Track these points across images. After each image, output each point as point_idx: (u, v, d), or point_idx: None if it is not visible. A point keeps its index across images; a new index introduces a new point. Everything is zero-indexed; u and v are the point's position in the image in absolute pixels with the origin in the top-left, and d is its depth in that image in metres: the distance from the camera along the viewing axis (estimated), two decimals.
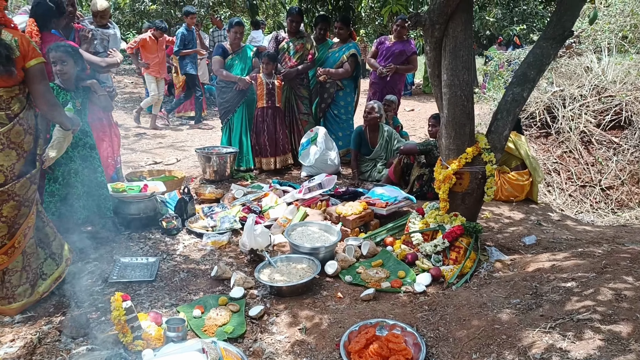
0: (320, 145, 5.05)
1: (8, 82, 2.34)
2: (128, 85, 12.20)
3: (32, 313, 2.57)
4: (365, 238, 3.52)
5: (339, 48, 5.41)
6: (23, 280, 2.56)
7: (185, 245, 3.52)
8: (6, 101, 2.36)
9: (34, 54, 2.39)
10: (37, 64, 2.41)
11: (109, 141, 3.97)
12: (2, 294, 2.50)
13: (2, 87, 2.33)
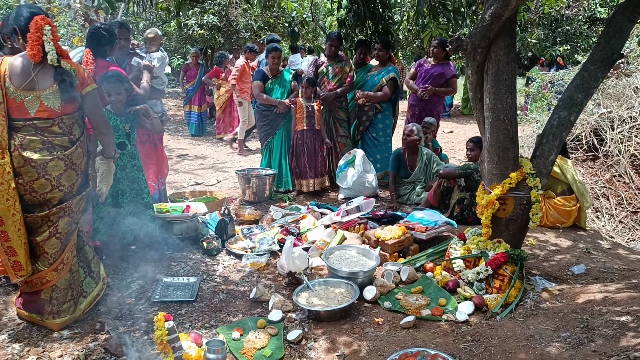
0: (358, 167, 5.05)
1: (71, 108, 2.51)
2: (172, 108, 12.67)
3: (79, 330, 2.66)
4: (405, 263, 3.46)
5: (378, 71, 5.44)
6: (68, 297, 2.66)
7: (225, 266, 3.57)
8: (69, 126, 2.53)
9: (89, 81, 2.58)
10: (92, 90, 2.59)
11: (156, 164, 4.12)
12: (48, 309, 2.62)
13: (66, 114, 2.50)
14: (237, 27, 10.44)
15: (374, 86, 5.41)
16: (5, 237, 2.40)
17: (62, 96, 2.43)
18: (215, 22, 9.93)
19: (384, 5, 5.89)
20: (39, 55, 2.36)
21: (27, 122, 2.41)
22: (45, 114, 2.42)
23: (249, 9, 10.15)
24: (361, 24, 5.92)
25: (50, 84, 2.43)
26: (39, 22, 2.35)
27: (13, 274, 2.47)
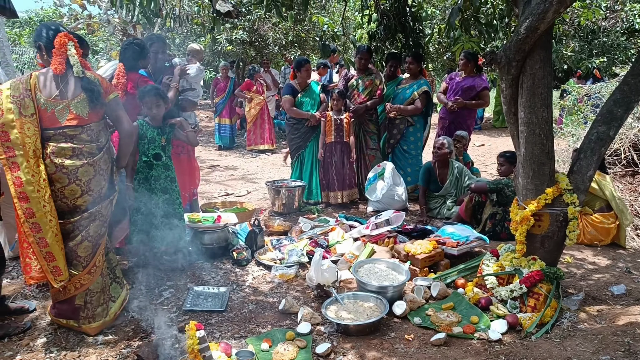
0: (388, 180, 5.02)
1: (97, 116, 2.66)
2: (203, 120, 12.95)
3: (113, 336, 2.72)
4: (435, 279, 3.40)
5: (409, 85, 5.43)
6: (101, 301, 2.76)
7: (254, 277, 3.60)
8: (96, 134, 2.67)
9: (111, 89, 2.75)
10: (114, 97, 2.76)
11: (189, 175, 4.21)
12: (83, 314, 2.71)
13: (93, 122, 2.64)
14: (267, 41, 10.63)
15: (405, 99, 5.39)
16: (44, 243, 2.50)
17: (89, 104, 2.59)
18: (245, 38, 10.14)
19: (415, 18, 5.89)
20: (62, 68, 2.52)
21: (57, 131, 2.55)
22: (74, 121, 2.56)
23: (279, 24, 10.33)
24: (392, 37, 5.93)
25: (78, 93, 2.57)
26: (63, 39, 2.55)
27: (53, 279, 2.56)
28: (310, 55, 12.10)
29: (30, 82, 2.51)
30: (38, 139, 2.49)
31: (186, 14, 7.35)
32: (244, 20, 9.57)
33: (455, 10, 3.68)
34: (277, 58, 11.84)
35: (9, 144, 2.43)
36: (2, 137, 2.42)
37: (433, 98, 6.21)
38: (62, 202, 2.58)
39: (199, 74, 4.61)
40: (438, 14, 11.27)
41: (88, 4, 9.27)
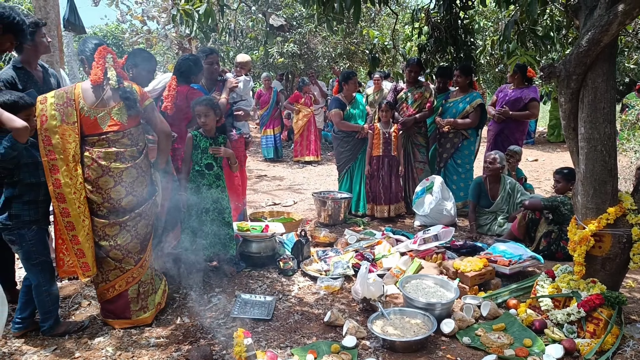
0: (436, 194, 4.94)
1: (136, 121, 2.84)
2: (252, 130, 13.26)
3: (164, 339, 2.81)
4: (486, 298, 3.29)
5: (461, 97, 5.33)
6: (151, 291, 2.97)
7: (300, 287, 3.62)
8: (136, 138, 2.84)
9: (146, 97, 2.91)
10: (150, 103, 2.93)
11: (241, 185, 4.31)
12: (136, 307, 2.91)
13: (132, 127, 2.82)
14: (317, 54, 10.78)
15: (458, 112, 5.29)
16: (76, 240, 2.70)
17: (127, 111, 2.76)
18: (295, 50, 10.31)
19: (467, 31, 5.80)
20: (98, 79, 2.71)
21: (101, 137, 2.73)
22: (115, 127, 2.74)
23: (329, 37, 10.46)
24: (442, 49, 5.86)
25: (117, 101, 2.76)
26: (102, 52, 2.74)
27: (81, 274, 2.76)
28: (359, 67, 12.15)
29: (75, 92, 2.71)
30: (78, 145, 2.68)
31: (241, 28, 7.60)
32: (295, 33, 9.76)
33: (511, 23, 3.60)
34: (325, 71, 11.97)
35: (50, 148, 2.62)
36: (45, 141, 2.62)
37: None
38: (109, 203, 2.76)
39: (246, 85, 4.71)
40: (490, 25, 11.02)
41: (148, 20, 9.79)
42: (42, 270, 2.71)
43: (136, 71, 3.24)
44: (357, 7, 3.85)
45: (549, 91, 9.14)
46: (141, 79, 3.25)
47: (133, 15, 9.98)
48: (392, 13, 6.47)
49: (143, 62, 3.25)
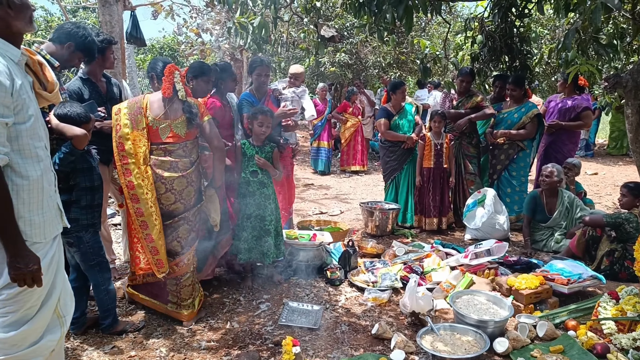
0: (489, 207, 4.78)
1: (193, 135, 3.00)
2: (299, 139, 13.41)
3: (215, 343, 2.88)
4: (542, 317, 3.14)
5: (516, 108, 5.16)
6: (190, 294, 3.11)
7: (347, 298, 3.60)
8: (190, 150, 3.02)
9: (206, 112, 3.09)
10: (209, 119, 3.07)
11: (285, 193, 4.37)
12: (173, 300, 3.08)
13: (189, 140, 2.99)
14: (367, 64, 10.79)
15: (514, 123, 5.12)
16: (150, 239, 2.90)
17: (188, 125, 2.94)
18: (346, 60, 10.36)
19: (523, 39, 5.62)
20: (169, 92, 2.90)
21: (159, 146, 2.93)
22: (173, 139, 2.93)
23: (379, 47, 10.45)
24: (496, 58, 5.71)
25: (180, 115, 2.94)
26: (171, 69, 2.93)
27: (157, 270, 2.95)
28: (408, 77, 12.06)
29: (144, 102, 2.95)
30: (148, 149, 2.89)
31: (293, 39, 7.75)
32: (346, 43, 9.82)
33: (572, 32, 3.45)
34: (373, 80, 11.96)
35: (123, 153, 2.86)
36: (119, 147, 2.87)
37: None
38: (159, 206, 2.94)
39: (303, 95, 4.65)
40: (546, 33, 10.64)
41: (202, 32, 10.18)
42: (100, 270, 2.85)
43: (195, 83, 3.38)
44: (409, 17, 3.83)
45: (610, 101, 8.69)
46: (200, 90, 3.39)
47: (189, 28, 10.42)
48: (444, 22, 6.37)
49: (201, 74, 3.37)
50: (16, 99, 1.74)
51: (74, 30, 2.87)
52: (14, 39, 1.81)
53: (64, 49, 2.86)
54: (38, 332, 1.92)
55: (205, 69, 3.42)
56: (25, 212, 1.80)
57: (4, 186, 1.71)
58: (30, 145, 1.82)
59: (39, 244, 1.86)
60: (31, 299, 1.86)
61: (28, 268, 1.74)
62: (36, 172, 1.84)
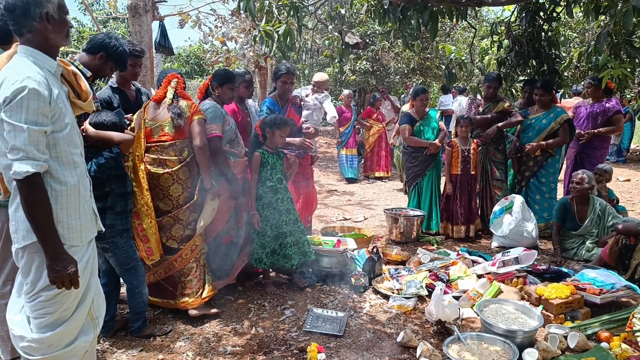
0: (516, 215, 4.69)
1: (183, 135, 3.15)
2: (322, 145, 13.45)
3: (240, 348, 2.90)
4: (573, 328, 3.05)
5: (544, 114, 5.05)
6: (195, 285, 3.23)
7: (372, 305, 3.58)
8: (180, 149, 3.13)
9: (197, 113, 3.20)
10: (198, 118, 3.18)
11: (306, 201, 4.35)
12: (180, 292, 3.24)
13: (178, 140, 3.14)
14: (389, 70, 10.76)
15: (542, 129, 5.01)
16: (141, 227, 3.07)
17: (173, 125, 3.10)
18: (367, 67, 10.36)
19: (551, 43, 5.52)
20: (158, 98, 3.19)
21: (153, 144, 3.12)
22: (164, 137, 3.12)
23: (402, 53, 10.41)
24: (524, 63, 5.62)
25: (167, 116, 3.12)
26: (169, 77, 3.24)
27: (146, 257, 3.11)
28: (432, 83, 11.97)
29: (145, 107, 3.24)
30: (142, 148, 3.11)
31: (317, 47, 7.80)
32: (368, 50, 9.81)
33: (604, 35, 3.37)
34: (396, 86, 11.91)
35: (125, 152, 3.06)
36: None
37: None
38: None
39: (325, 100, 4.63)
40: (575, 36, 10.42)
41: (227, 40, 10.35)
42: (135, 273, 2.91)
43: (220, 90, 3.47)
44: (434, 23, 3.82)
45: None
46: (225, 97, 3.52)
47: (214, 37, 10.61)
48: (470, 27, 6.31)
49: (226, 81, 3.48)
50: (54, 108, 1.81)
51: (105, 41, 2.95)
52: (51, 52, 1.89)
53: (96, 59, 2.94)
54: (73, 333, 1.97)
55: (230, 76, 3.53)
56: (63, 217, 1.87)
57: (44, 192, 1.79)
58: (67, 152, 1.89)
59: (76, 247, 1.92)
60: (68, 301, 1.92)
61: (66, 270, 1.80)
62: (73, 178, 1.90)
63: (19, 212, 1.83)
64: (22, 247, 1.85)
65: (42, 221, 1.78)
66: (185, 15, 9.03)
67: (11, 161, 1.72)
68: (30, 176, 1.73)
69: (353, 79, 10.38)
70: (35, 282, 1.87)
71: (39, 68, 1.81)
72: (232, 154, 3.50)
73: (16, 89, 1.71)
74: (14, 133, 1.71)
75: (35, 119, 1.74)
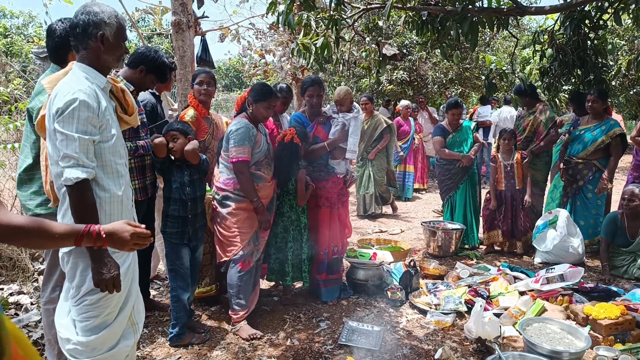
0: (561, 230, 4.51)
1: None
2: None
3: (275, 359, 2.90)
4: (624, 351, 2.88)
5: (594, 125, 4.85)
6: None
7: (408, 320, 3.51)
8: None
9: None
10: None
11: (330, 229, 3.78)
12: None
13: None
14: (426, 80, 10.65)
15: (590, 142, 4.80)
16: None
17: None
18: (404, 77, 10.28)
19: (598, 52, 5.31)
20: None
21: None
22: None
23: (439, 63, 10.29)
24: (568, 72, 5.43)
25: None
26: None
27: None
28: (471, 93, 11.76)
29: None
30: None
31: (354, 58, 7.83)
32: (405, 60, 9.76)
33: None
34: (435, 97, 11.76)
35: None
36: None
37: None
38: None
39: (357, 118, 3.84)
40: (623, 44, 9.99)
41: (265, 53, 10.54)
42: (174, 276, 3.00)
43: (255, 108, 3.20)
44: (474, 33, 3.74)
45: None
46: (259, 115, 3.21)
47: (253, 50, 10.84)
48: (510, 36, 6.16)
49: (261, 99, 3.19)
50: (101, 120, 1.92)
51: (145, 54, 3.04)
52: (102, 70, 2.02)
53: (137, 72, 3.05)
54: (115, 337, 2.04)
55: (266, 93, 3.19)
56: (106, 223, 1.94)
57: (92, 197, 1.88)
58: (112, 162, 1.98)
59: (117, 253, 1.99)
60: (110, 305, 1.98)
61: (110, 273, 1.87)
62: (116, 186, 1.99)
63: (66, 218, 1.93)
64: (67, 251, 1.94)
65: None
66: (226, 29, 9.27)
67: (62, 168, 1.82)
68: (80, 182, 1.82)
69: (390, 89, 10.33)
70: (80, 286, 1.95)
71: (89, 83, 1.92)
72: (258, 177, 3.22)
73: (68, 101, 1.83)
74: (66, 142, 1.82)
75: (85, 129, 1.85)
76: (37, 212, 2.48)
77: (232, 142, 3.09)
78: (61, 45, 2.51)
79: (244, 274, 3.21)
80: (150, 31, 14.37)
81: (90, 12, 1.92)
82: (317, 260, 3.72)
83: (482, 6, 3.95)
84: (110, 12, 1.96)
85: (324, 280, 3.77)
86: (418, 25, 4.15)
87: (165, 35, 16.30)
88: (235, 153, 3.07)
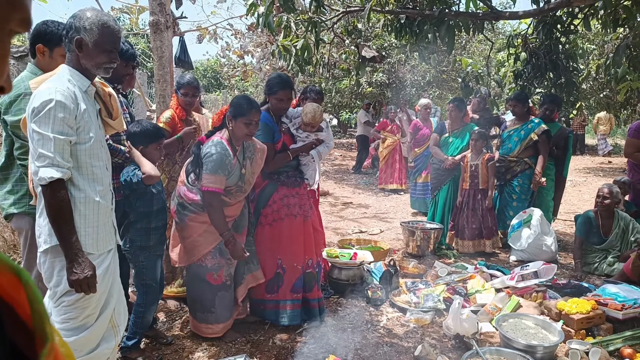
0: (535, 228, 4.64)
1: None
2: (337, 158, 13.49)
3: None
4: (595, 344, 3.00)
5: (521, 126, 5.12)
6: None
7: (389, 318, 3.56)
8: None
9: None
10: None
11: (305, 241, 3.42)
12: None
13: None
14: (405, 82, 10.80)
15: (520, 140, 5.08)
16: None
17: None
18: (384, 80, 10.41)
19: (569, 55, 5.50)
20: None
21: None
22: None
23: (418, 65, 10.44)
24: (540, 75, 5.61)
25: None
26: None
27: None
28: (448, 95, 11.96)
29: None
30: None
31: (334, 60, 7.89)
32: (385, 63, 9.88)
33: (623, 48, 3.36)
34: (413, 99, 11.94)
35: None
36: None
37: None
38: None
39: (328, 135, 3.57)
40: (594, 49, 10.35)
41: (244, 54, 10.52)
42: (145, 292, 2.82)
43: (234, 125, 2.87)
44: (451, 36, 3.84)
45: None
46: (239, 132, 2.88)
47: (232, 51, 10.79)
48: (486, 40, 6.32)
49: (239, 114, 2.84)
50: (79, 121, 1.92)
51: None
52: (85, 73, 2.01)
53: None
54: (95, 340, 2.02)
55: (244, 108, 2.83)
56: (80, 224, 1.94)
57: (66, 197, 1.87)
58: (88, 164, 1.98)
59: (92, 255, 1.97)
60: (89, 306, 1.97)
61: (84, 274, 1.86)
62: (92, 188, 1.98)
63: (42, 217, 1.93)
64: (44, 250, 1.93)
65: (63, 225, 1.86)
66: (204, 30, 9.21)
67: (38, 167, 1.82)
68: (54, 181, 1.82)
69: (369, 91, 10.44)
70: (57, 287, 1.94)
71: (71, 85, 1.92)
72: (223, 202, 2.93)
73: (44, 101, 1.83)
74: (42, 142, 1.82)
75: (61, 129, 1.85)
76: (11, 212, 2.45)
77: (204, 169, 2.80)
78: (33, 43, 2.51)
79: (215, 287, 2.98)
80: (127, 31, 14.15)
81: (75, 16, 1.93)
82: (291, 277, 3.32)
83: (458, 10, 4.05)
84: (94, 20, 1.92)
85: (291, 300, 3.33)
86: (396, 28, 4.23)
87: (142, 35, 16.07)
88: (206, 182, 2.78)
